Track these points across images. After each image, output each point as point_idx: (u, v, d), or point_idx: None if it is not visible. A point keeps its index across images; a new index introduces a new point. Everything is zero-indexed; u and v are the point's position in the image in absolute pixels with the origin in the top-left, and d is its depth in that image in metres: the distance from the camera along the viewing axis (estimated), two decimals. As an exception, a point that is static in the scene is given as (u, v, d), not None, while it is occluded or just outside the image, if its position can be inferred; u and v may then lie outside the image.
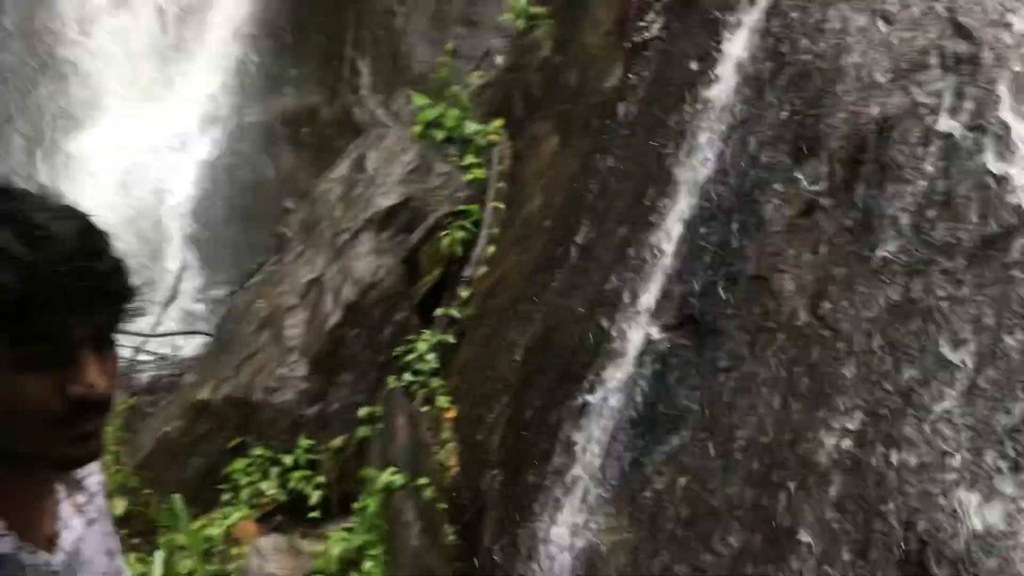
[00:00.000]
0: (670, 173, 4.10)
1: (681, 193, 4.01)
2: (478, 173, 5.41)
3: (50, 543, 1.30)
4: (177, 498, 3.32)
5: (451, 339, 5.03)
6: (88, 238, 1.19)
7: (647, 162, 4.24)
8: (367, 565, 4.07)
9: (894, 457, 2.96)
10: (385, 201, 5.45)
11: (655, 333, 3.71)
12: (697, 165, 4.03)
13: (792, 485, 3.24)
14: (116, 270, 1.21)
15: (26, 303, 1.12)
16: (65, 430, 1.17)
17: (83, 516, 1.37)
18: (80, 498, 1.38)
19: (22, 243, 1.13)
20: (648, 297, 3.81)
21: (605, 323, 3.93)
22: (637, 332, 3.77)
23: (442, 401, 4.76)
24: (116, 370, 1.24)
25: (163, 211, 6.49)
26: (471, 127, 5.53)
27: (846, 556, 3.07)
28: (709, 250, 3.77)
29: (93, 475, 1.43)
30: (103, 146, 6.75)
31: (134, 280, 1.25)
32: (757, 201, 3.74)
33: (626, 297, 3.90)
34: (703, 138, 4.08)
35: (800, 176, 3.69)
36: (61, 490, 1.35)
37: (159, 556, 3.23)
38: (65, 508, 1.35)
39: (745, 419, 3.42)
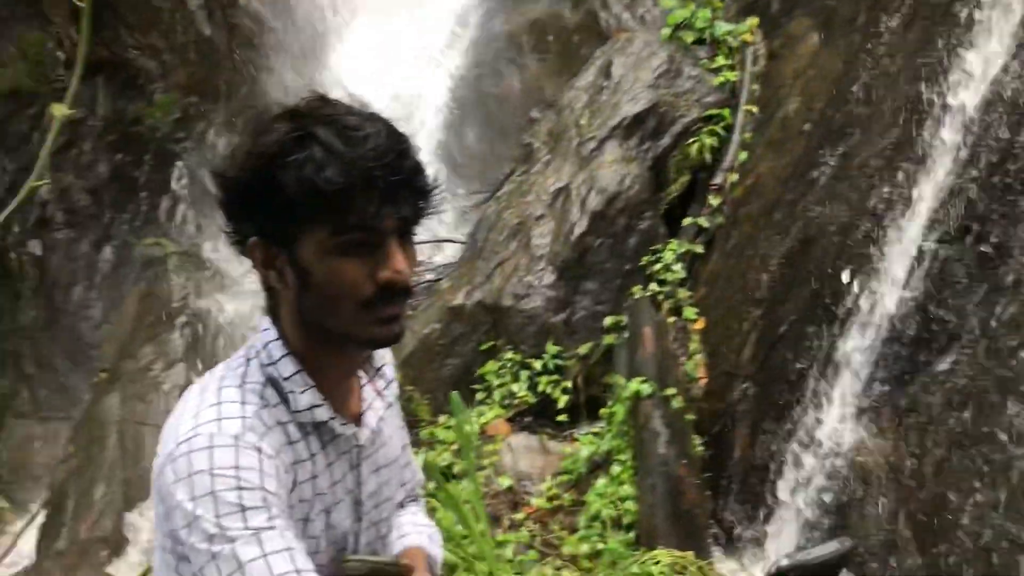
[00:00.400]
0: (949, 71, 3.74)
1: (962, 93, 3.65)
2: (730, 75, 5.17)
3: (357, 420, 1.43)
4: (456, 395, 3.53)
5: (699, 249, 4.94)
6: (395, 138, 1.28)
7: (922, 60, 3.88)
8: (615, 469, 4.15)
9: None
10: (632, 108, 5.35)
11: (929, 245, 3.45)
12: (983, 61, 3.65)
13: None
14: (418, 168, 1.31)
15: (346, 195, 1.23)
16: (373, 312, 1.29)
17: (383, 400, 1.48)
18: (380, 383, 1.50)
19: (342, 142, 1.23)
20: (922, 206, 3.54)
21: (871, 234, 3.70)
22: (908, 244, 3.53)
23: (689, 312, 4.71)
24: (416, 260, 1.34)
25: (414, 122, 6.72)
26: (722, 27, 5.27)
27: None
28: (996, 154, 3.42)
29: (388, 365, 1.55)
30: (357, 58, 7.07)
31: (432, 179, 1.34)
32: (1056, 98, 3.35)
33: (896, 206, 3.65)
34: (991, 30, 3.68)
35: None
36: (364, 376, 1.47)
37: (420, 454, 3.44)
38: (368, 391, 1.48)
39: (1032, 341, 3.14)
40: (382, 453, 1.49)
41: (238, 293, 6.10)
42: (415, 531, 1.63)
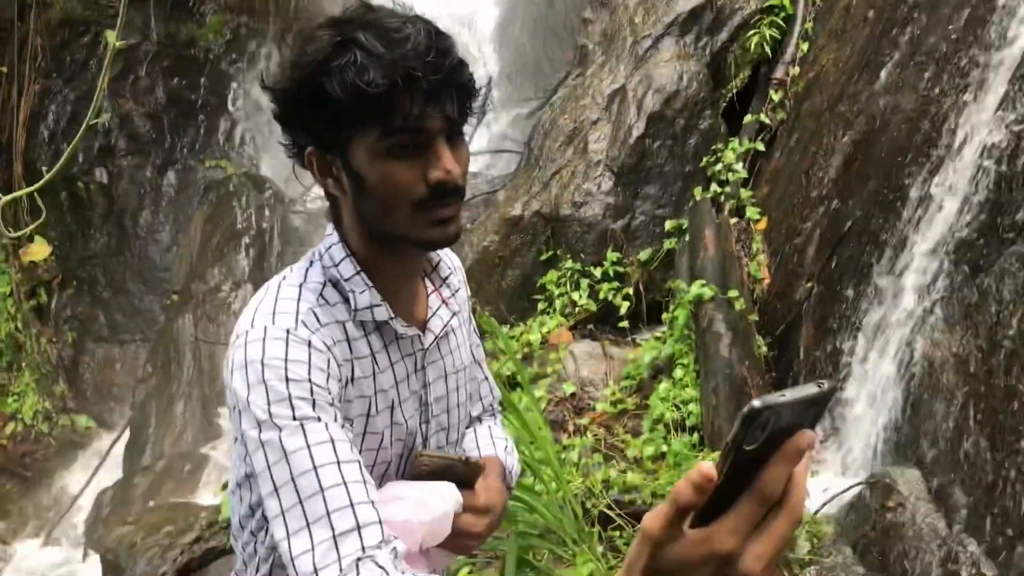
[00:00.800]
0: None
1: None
2: (790, -38, 4.97)
3: (422, 326, 1.46)
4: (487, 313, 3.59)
5: (761, 147, 4.82)
6: (436, 37, 1.28)
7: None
8: (678, 373, 4.14)
9: None
10: (687, 2, 5.18)
11: (1001, 133, 3.29)
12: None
13: None
14: (461, 65, 1.31)
15: (389, 96, 1.24)
16: (427, 213, 1.31)
17: (449, 308, 1.50)
18: (446, 292, 1.52)
19: (383, 44, 1.25)
20: (994, 94, 3.37)
21: (939, 122, 3.55)
22: (979, 132, 3.37)
23: (751, 212, 4.62)
24: (467, 160, 1.34)
25: (466, 33, 6.61)
26: (781, -89, 5.04)
27: None
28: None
29: (456, 273, 1.57)
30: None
31: (476, 78, 1.33)
32: None
33: (967, 93, 3.48)
34: None
35: None
36: (431, 284, 1.50)
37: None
38: (434, 300, 1.50)
39: (1112, 227, 3.00)
40: (449, 360, 1.52)
41: (300, 211, 6.17)
42: (490, 442, 1.67)
